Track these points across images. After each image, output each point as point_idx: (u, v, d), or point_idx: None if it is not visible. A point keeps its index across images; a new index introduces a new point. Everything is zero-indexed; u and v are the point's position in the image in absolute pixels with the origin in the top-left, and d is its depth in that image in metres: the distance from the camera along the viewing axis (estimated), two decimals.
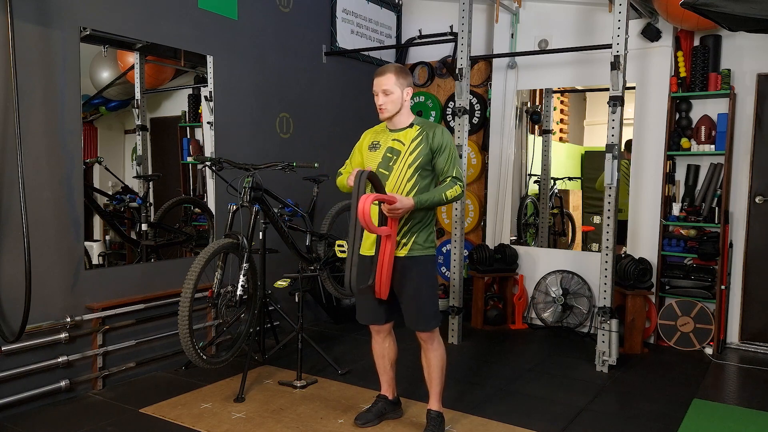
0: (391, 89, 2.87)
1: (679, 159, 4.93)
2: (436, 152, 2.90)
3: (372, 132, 3.08)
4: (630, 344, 4.56)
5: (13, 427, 3.08)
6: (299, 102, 5.04)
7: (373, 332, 3.15)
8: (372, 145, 3.00)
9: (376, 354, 3.18)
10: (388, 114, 2.91)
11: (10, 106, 3.08)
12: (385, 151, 2.94)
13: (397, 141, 2.93)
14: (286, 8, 4.88)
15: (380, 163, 2.93)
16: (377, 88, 2.90)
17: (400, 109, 2.92)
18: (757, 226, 4.70)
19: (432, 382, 3.05)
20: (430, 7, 5.96)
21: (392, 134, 2.96)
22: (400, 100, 2.91)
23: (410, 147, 2.90)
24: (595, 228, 6.15)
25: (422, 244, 2.93)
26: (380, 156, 2.94)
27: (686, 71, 4.77)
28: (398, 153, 2.91)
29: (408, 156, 2.89)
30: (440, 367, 3.03)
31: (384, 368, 3.19)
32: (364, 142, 3.06)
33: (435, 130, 2.92)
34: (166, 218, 4.23)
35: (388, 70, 2.91)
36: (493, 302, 5.25)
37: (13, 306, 3.16)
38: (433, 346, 3.01)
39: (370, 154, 2.99)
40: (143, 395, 3.54)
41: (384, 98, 2.88)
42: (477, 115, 5.73)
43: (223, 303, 3.48)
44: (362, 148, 3.07)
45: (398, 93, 2.89)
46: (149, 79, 4.09)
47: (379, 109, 2.92)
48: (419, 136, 2.90)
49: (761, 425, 3.34)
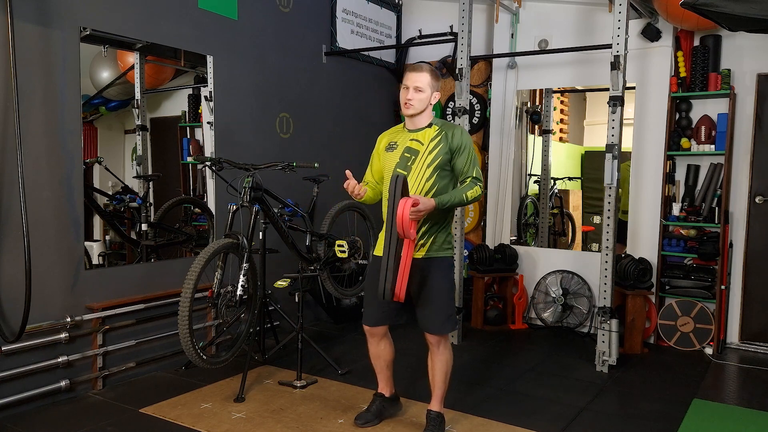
0: (423, 88, 2.84)
1: (679, 159, 4.93)
2: (456, 152, 2.86)
3: (388, 134, 3.05)
4: (630, 344, 4.56)
5: (13, 427, 3.08)
6: (299, 102, 5.04)
7: (369, 335, 3.11)
8: (389, 146, 2.96)
9: (372, 355, 3.17)
10: (413, 111, 2.86)
11: (10, 106, 3.08)
12: (403, 151, 2.90)
13: (416, 141, 2.89)
14: (286, 8, 4.88)
15: (398, 163, 2.89)
16: (410, 83, 2.84)
17: (424, 110, 2.89)
18: (757, 226, 4.70)
19: (435, 385, 3.03)
20: (430, 7, 5.96)
21: (410, 134, 2.92)
22: (428, 101, 2.87)
23: (429, 146, 2.86)
24: (595, 228, 6.15)
25: (441, 245, 2.91)
26: (398, 156, 2.90)
27: (686, 71, 4.77)
28: (416, 153, 2.87)
29: (427, 156, 2.86)
30: (446, 371, 3.01)
31: (380, 368, 3.18)
32: (381, 145, 3.02)
33: (455, 130, 2.89)
34: (166, 218, 4.23)
35: (424, 68, 2.88)
36: (493, 302, 5.25)
37: (13, 306, 3.16)
38: (441, 350, 2.98)
39: (387, 154, 2.95)
40: (143, 395, 3.54)
41: (414, 94, 2.84)
42: (477, 115, 5.73)
43: (223, 303, 3.48)
44: (379, 151, 3.03)
45: (428, 93, 2.86)
46: (149, 79, 4.09)
47: (406, 104, 2.85)
48: (438, 136, 2.87)
49: (761, 425, 3.34)
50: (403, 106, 2.88)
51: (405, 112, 2.89)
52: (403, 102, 2.87)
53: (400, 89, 2.94)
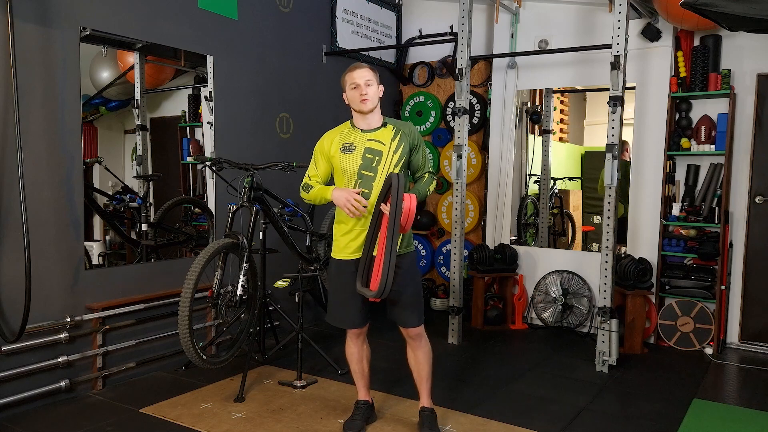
0: (372, 82, 2.89)
1: (679, 159, 4.93)
2: (414, 149, 2.95)
3: (337, 133, 2.97)
4: (630, 344, 4.56)
5: (13, 427, 3.08)
6: (299, 102, 5.04)
7: (353, 336, 3.09)
8: (345, 147, 2.90)
9: (355, 358, 3.13)
10: (372, 105, 2.88)
11: (10, 106, 3.08)
12: (364, 152, 2.89)
13: (375, 141, 2.90)
14: (286, 8, 4.88)
15: (361, 164, 2.88)
16: (359, 80, 2.86)
17: (377, 105, 2.91)
18: (757, 226, 4.70)
19: (423, 380, 3.06)
20: (430, 7, 5.96)
21: (366, 134, 2.92)
22: (378, 94, 2.92)
23: (392, 146, 2.89)
24: (595, 228, 6.14)
25: (408, 241, 2.97)
26: (359, 157, 2.89)
27: (686, 71, 4.77)
28: (380, 153, 2.88)
29: (392, 156, 2.88)
30: (430, 363, 3.06)
31: (362, 371, 3.15)
32: (333, 146, 2.94)
33: (410, 127, 2.97)
34: (166, 218, 4.23)
35: (363, 65, 2.93)
36: (493, 302, 5.25)
37: (13, 306, 3.16)
38: (422, 342, 3.02)
39: (345, 156, 2.90)
40: (143, 395, 3.54)
41: (367, 88, 2.87)
42: (477, 115, 5.73)
43: (223, 303, 3.48)
44: (329, 152, 2.95)
45: (376, 86, 2.91)
46: (149, 79, 4.09)
47: (364, 99, 2.86)
48: (397, 135, 2.92)
49: (761, 425, 3.34)
50: (360, 103, 2.88)
51: (363, 108, 2.88)
52: (358, 100, 2.87)
53: (345, 92, 2.93)
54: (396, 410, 3.38)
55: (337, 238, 2.98)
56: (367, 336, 3.15)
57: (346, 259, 2.93)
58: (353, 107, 2.93)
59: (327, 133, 3.01)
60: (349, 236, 2.92)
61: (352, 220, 2.89)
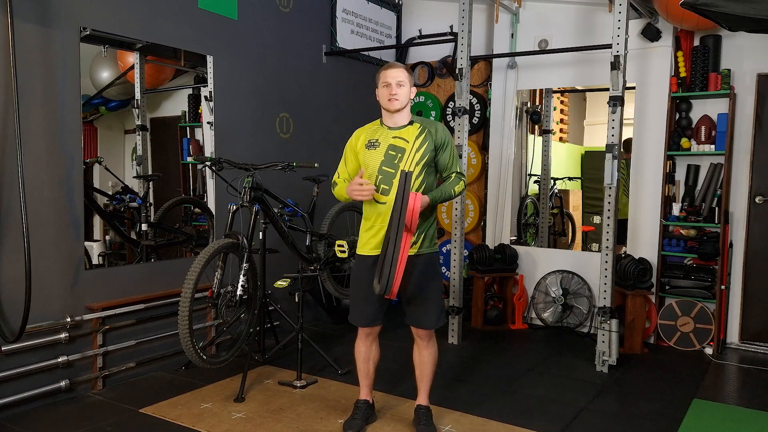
0: (404, 83, 2.90)
1: (679, 159, 4.93)
2: (440, 149, 2.94)
3: (365, 131, 3.03)
4: (630, 344, 4.56)
5: (13, 427, 3.08)
6: (299, 102, 5.04)
7: (363, 335, 3.10)
8: (370, 144, 2.95)
9: (362, 357, 3.14)
10: (399, 105, 2.89)
11: (10, 106, 3.08)
12: (387, 149, 2.91)
13: (399, 138, 2.92)
14: (286, 8, 4.88)
15: (383, 161, 2.91)
16: (391, 79, 2.88)
17: (406, 105, 2.93)
18: (757, 226, 4.70)
19: (424, 379, 3.08)
20: (430, 7, 5.96)
21: (392, 132, 2.94)
22: (409, 96, 2.93)
23: (415, 144, 2.90)
24: (595, 228, 6.15)
25: (431, 241, 2.97)
26: (382, 154, 2.92)
27: (686, 71, 4.77)
28: (402, 150, 2.90)
29: (414, 153, 2.89)
30: (434, 364, 3.09)
31: (368, 371, 3.16)
32: (359, 142, 3.00)
33: (437, 126, 2.96)
34: (166, 218, 4.23)
35: (399, 65, 2.96)
36: (493, 302, 5.25)
37: (13, 306, 3.16)
38: (430, 343, 3.05)
39: (369, 152, 2.95)
40: (143, 395, 3.54)
41: (397, 89, 2.88)
42: (477, 115, 5.73)
43: (223, 303, 3.48)
44: (356, 148, 3.01)
45: (408, 88, 2.92)
46: (149, 79, 4.09)
47: (392, 99, 2.88)
48: (422, 133, 2.91)
49: (761, 425, 3.34)
50: (388, 102, 2.90)
51: (390, 107, 2.91)
52: (387, 98, 2.90)
53: (377, 89, 2.95)
54: (396, 410, 3.38)
55: (361, 233, 3.02)
56: (378, 338, 3.15)
57: (366, 254, 2.97)
58: (382, 105, 2.96)
59: (357, 130, 3.08)
60: (370, 232, 2.95)
61: (372, 216, 2.93)
